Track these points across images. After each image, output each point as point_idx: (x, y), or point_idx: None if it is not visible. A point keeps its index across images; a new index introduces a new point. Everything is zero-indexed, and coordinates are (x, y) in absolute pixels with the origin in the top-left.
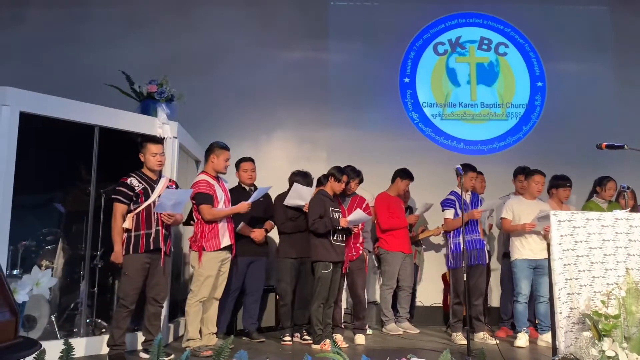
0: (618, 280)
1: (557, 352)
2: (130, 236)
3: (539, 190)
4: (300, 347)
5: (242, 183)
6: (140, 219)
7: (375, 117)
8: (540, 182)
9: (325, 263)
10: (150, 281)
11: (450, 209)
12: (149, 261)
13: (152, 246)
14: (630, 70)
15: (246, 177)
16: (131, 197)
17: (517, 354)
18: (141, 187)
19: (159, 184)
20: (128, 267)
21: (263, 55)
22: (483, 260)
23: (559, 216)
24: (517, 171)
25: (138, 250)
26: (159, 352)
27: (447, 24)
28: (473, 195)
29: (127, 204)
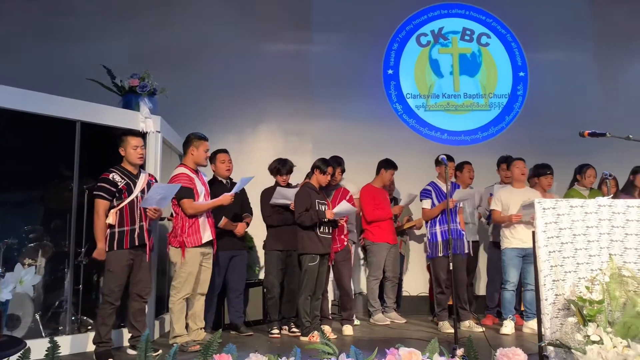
0: (602, 266)
1: (543, 338)
2: (114, 232)
3: (523, 173)
4: (288, 339)
5: (218, 176)
6: (124, 214)
7: (360, 108)
8: (522, 167)
9: (312, 255)
10: (135, 277)
11: (427, 199)
12: (133, 257)
13: (137, 242)
14: (609, 59)
15: (224, 169)
16: (114, 193)
17: (503, 341)
18: (124, 182)
19: (140, 178)
20: (112, 263)
21: (246, 47)
22: (462, 249)
23: (544, 204)
24: (500, 160)
25: (122, 246)
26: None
27: (429, 14)
28: (453, 186)
29: (110, 200)
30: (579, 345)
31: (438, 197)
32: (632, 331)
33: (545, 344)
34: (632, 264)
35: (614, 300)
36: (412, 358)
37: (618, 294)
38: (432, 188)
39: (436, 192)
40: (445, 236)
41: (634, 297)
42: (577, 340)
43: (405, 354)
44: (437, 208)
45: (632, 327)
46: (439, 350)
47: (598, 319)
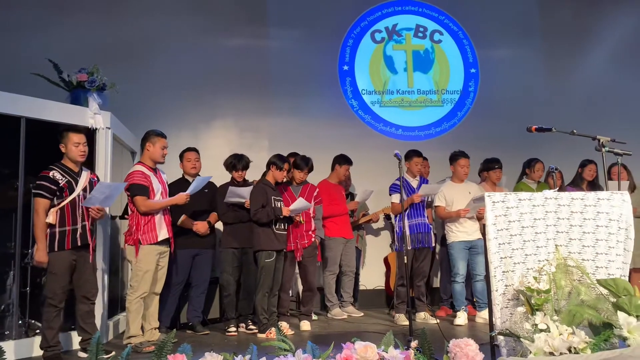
0: (548, 257)
1: (494, 328)
2: (55, 232)
3: (465, 172)
4: (245, 337)
5: (185, 174)
6: (65, 214)
7: (316, 104)
8: (466, 165)
9: (268, 252)
10: (79, 279)
11: (396, 193)
12: (75, 258)
13: (79, 242)
14: (557, 56)
15: (190, 167)
16: (55, 192)
17: (457, 331)
18: (65, 180)
19: (82, 176)
20: (54, 265)
21: (201, 42)
22: (429, 243)
23: (493, 197)
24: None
25: (64, 247)
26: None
27: (383, 11)
28: (421, 180)
29: (51, 199)
30: (527, 334)
31: (407, 191)
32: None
33: (495, 334)
34: (577, 254)
35: (560, 289)
36: (367, 352)
37: (564, 284)
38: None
39: (405, 187)
40: (414, 230)
41: (579, 286)
42: (526, 329)
43: (360, 348)
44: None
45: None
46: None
47: (545, 308)
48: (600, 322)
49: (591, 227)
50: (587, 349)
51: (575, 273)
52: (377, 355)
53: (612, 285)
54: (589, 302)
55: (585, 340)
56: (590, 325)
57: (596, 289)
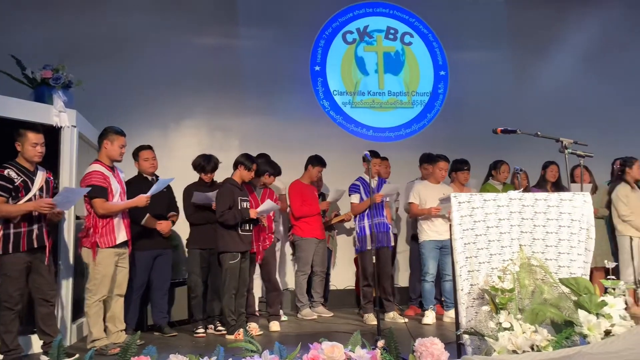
0: (512, 256)
1: (460, 327)
2: (9, 234)
3: (443, 175)
4: (214, 338)
5: (143, 173)
6: None
7: (287, 104)
8: (444, 168)
9: (232, 253)
10: (35, 281)
11: (355, 193)
12: (30, 260)
13: (35, 244)
14: (523, 60)
15: (148, 166)
16: (10, 191)
17: (425, 330)
18: (20, 179)
19: (37, 176)
20: (8, 267)
21: (171, 40)
22: (388, 242)
23: (459, 198)
24: (422, 159)
25: (19, 248)
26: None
27: (355, 12)
28: (380, 181)
29: (6, 198)
30: (492, 333)
31: (366, 192)
32: (540, 317)
33: (461, 333)
34: (540, 253)
35: (523, 288)
36: (334, 352)
37: (527, 283)
38: (361, 183)
39: (364, 187)
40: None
41: (542, 285)
42: (490, 328)
43: (327, 348)
44: (364, 203)
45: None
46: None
47: (509, 306)
48: (562, 320)
49: (554, 227)
50: (549, 346)
51: (538, 272)
52: (344, 355)
53: (573, 284)
54: (551, 301)
55: (548, 338)
56: (552, 324)
57: (558, 288)
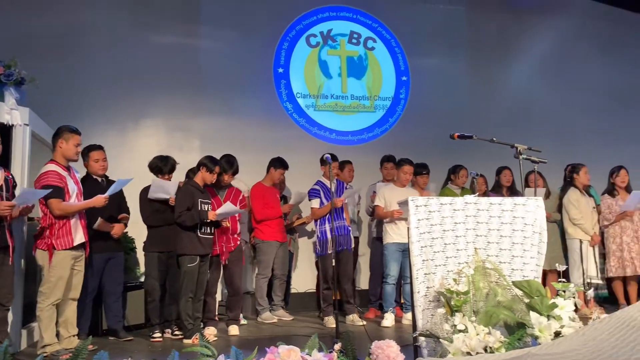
0: (468, 259)
1: (416, 329)
2: None
3: (408, 179)
4: (171, 343)
5: (92, 174)
6: None
7: (250, 106)
8: (409, 172)
9: (190, 256)
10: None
11: (315, 198)
12: None
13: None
14: (482, 67)
15: (98, 168)
16: None
17: (384, 333)
18: None
19: None
20: None
21: (130, 37)
22: (349, 245)
23: (416, 201)
24: (383, 160)
25: None
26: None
27: (318, 16)
28: (338, 184)
29: None
30: (447, 335)
31: (326, 195)
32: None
33: (416, 335)
34: (494, 257)
35: (478, 291)
36: (290, 355)
37: (482, 285)
38: (320, 187)
39: (324, 191)
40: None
41: (496, 288)
42: (446, 330)
43: (284, 352)
44: (326, 207)
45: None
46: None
47: (464, 309)
48: (514, 322)
49: (508, 231)
50: (501, 348)
51: (492, 275)
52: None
53: (526, 286)
54: (504, 303)
55: (500, 339)
56: (505, 325)
57: (512, 291)
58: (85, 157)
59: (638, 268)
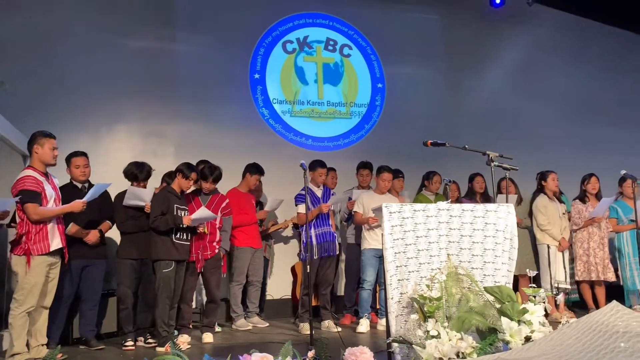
0: (440, 265)
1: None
2: None
3: (387, 186)
4: (144, 351)
5: (74, 180)
6: None
7: (226, 111)
8: (388, 179)
9: (166, 262)
10: None
11: (302, 203)
12: None
13: None
14: (456, 75)
15: (79, 174)
16: None
17: (358, 339)
18: None
19: None
20: None
21: (104, 42)
22: (334, 251)
23: (390, 208)
24: (359, 166)
25: None
26: None
27: (295, 22)
28: (325, 190)
29: None
30: (419, 341)
31: (312, 201)
32: (466, 325)
33: (390, 341)
34: (467, 262)
35: (450, 297)
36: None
37: (454, 291)
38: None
39: (310, 197)
40: (321, 239)
41: (468, 294)
42: (419, 336)
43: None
44: (312, 212)
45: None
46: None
47: (437, 314)
48: (486, 327)
49: (480, 237)
50: (473, 353)
51: (465, 281)
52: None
53: (497, 292)
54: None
55: (472, 345)
56: (477, 331)
57: (484, 296)
58: (67, 164)
59: (601, 273)
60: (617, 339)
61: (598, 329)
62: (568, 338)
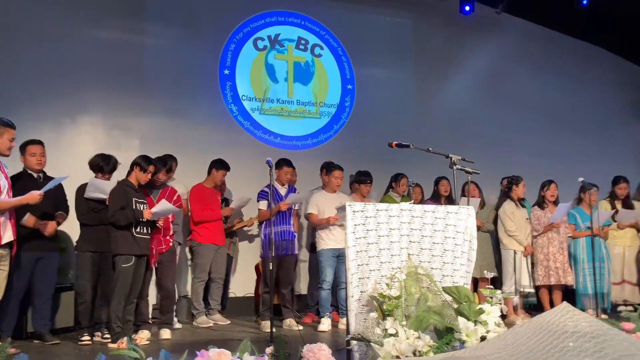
0: (401, 264)
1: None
2: None
3: (339, 184)
4: (100, 346)
5: (28, 169)
6: None
7: (194, 107)
8: (340, 177)
9: (126, 256)
10: None
11: (263, 200)
12: None
13: None
14: (426, 79)
15: (34, 163)
16: None
17: (320, 337)
18: None
19: None
20: None
21: (69, 31)
22: (292, 250)
23: (354, 207)
24: (323, 166)
25: None
26: None
27: (267, 20)
28: (289, 188)
29: None
30: (378, 339)
31: (275, 199)
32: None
33: (349, 339)
34: (427, 262)
35: (410, 296)
36: (221, 358)
37: (414, 290)
38: (270, 190)
39: (273, 194)
40: (279, 237)
41: (427, 293)
42: (377, 334)
43: (214, 355)
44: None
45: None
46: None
47: (395, 313)
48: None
49: (440, 238)
50: (430, 352)
51: (424, 281)
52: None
53: (455, 292)
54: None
55: (429, 344)
56: (435, 330)
57: (442, 296)
58: (22, 151)
59: (562, 277)
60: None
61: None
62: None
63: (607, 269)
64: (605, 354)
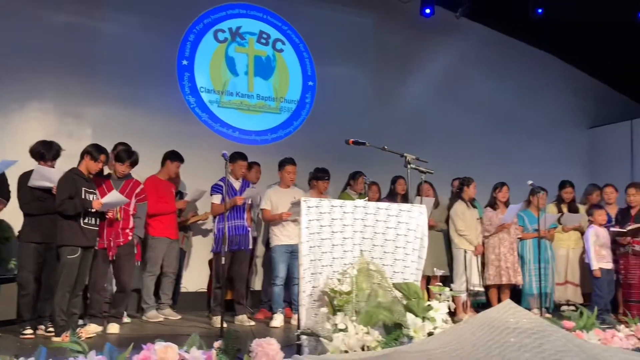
0: (353, 260)
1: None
2: None
3: (292, 179)
4: (43, 340)
5: None
6: None
7: (150, 96)
8: (292, 172)
9: (71, 247)
10: None
11: (217, 194)
12: None
13: None
14: (384, 79)
15: None
16: None
17: (272, 333)
18: None
19: None
20: None
21: (21, 13)
22: (246, 245)
23: (308, 202)
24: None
25: None
26: None
27: (228, 12)
28: (244, 183)
29: None
30: (327, 334)
31: (229, 193)
32: (374, 319)
33: (299, 333)
34: (378, 259)
35: (360, 291)
36: (167, 352)
37: (365, 286)
38: (224, 184)
39: (227, 188)
40: (232, 232)
41: (377, 289)
42: (327, 329)
43: (160, 349)
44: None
45: (374, 315)
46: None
47: (346, 308)
48: (392, 322)
49: (392, 235)
50: (378, 347)
51: (375, 277)
52: (177, 356)
53: (405, 289)
54: (385, 304)
55: (378, 339)
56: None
57: (392, 292)
58: None
59: (512, 277)
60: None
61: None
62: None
63: (552, 270)
64: (544, 350)
